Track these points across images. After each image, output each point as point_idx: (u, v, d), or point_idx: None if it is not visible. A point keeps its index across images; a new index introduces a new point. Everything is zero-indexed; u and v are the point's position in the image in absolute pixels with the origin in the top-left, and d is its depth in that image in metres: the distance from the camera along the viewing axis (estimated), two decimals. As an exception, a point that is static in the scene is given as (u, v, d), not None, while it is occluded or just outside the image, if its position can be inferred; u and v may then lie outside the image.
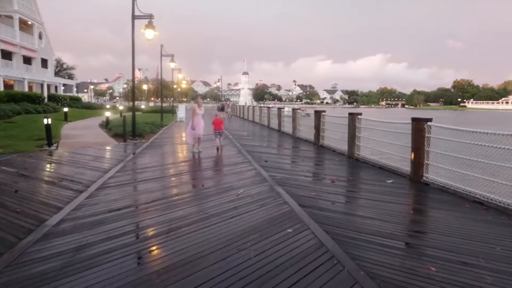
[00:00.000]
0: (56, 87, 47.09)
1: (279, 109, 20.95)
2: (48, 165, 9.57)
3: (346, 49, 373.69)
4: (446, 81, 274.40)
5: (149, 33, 14.46)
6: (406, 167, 8.24)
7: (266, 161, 10.21)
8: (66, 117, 25.63)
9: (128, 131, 15.52)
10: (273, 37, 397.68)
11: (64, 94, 46.13)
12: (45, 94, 39.06)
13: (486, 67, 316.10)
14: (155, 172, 8.77)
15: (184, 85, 72.75)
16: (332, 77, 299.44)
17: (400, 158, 8.76)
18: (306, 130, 16.14)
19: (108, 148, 13.08)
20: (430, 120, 7.62)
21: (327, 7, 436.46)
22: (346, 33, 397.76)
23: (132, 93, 16.12)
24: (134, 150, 12.58)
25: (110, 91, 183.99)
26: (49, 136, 13.18)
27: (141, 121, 21.45)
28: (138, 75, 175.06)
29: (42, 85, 40.60)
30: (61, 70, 71.06)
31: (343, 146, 11.83)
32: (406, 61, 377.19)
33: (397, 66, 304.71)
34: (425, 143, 7.58)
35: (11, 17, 37.76)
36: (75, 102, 41.89)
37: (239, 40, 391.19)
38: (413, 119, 7.81)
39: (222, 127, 12.45)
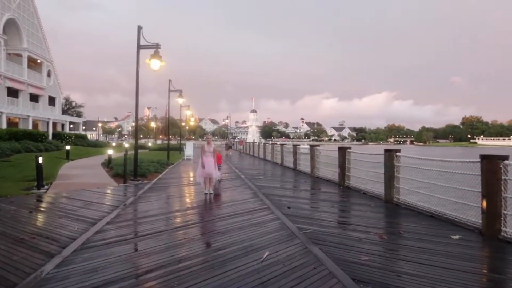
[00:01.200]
0: (63, 125, 46.40)
1: (295, 146, 19.39)
2: (26, 214, 7.91)
3: (351, 87, 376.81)
4: (452, 118, 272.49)
5: (155, 64, 13.24)
6: (473, 218, 6.50)
7: (289, 208, 8.52)
8: (68, 155, 24.32)
9: (129, 171, 14.01)
10: (278, 76, 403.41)
11: (70, 132, 45.31)
12: (50, 132, 38.21)
13: (492, 104, 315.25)
14: (156, 223, 7.07)
15: (192, 122, 72.08)
16: (338, 114, 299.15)
17: (460, 206, 7.02)
18: (327, 169, 14.49)
19: (104, 191, 11.47)
20: (506, 158, 5.95)
21: (331, 46, 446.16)
22: (351, 72, 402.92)
23: (136, 128, 14.71)
24: (134, 193, 10.98)
25: (119, 129, 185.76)
26: (40, 177, 11.66)
27: (146, 160, 20.00)
28: (147, 113, 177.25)
29: (48, 123, 39.80)
30: (69, 108, 70.97)
31: (377, 188, 10.14)
32: (412, 98, 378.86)
33: (403, 103, 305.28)
34: (502, 188, 5.87)
35: (20, 55, 37.62)
36: (80, 140, 40.93)
37: (244, 79, 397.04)
38: (483, 157, 6.15)
39: (221, 161, 14.13)
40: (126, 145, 33.74)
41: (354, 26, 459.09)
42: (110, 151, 19.27)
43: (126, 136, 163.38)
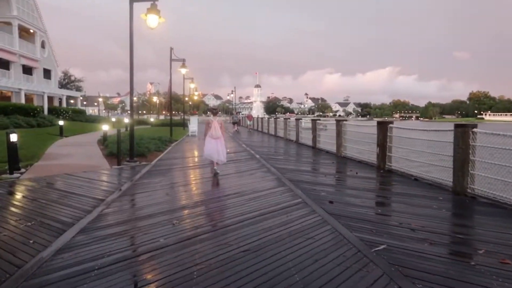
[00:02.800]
0: (61, 100, 44.01)
1: (313, 120, 17.07)
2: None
3: (354, 62, 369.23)
4: (456, 93, 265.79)
5: (152, 19, 10.76)
6: None
7: (331, 202, 6.35)
8: (61, 132, 22.13)
9: (126, 150, 11.82)
10: (280, 51, 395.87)
11: (67, 106, 42.90)
12: (46, 106, 35.93)
13: (496, 79, 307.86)
14: (151, 231, 4.88)
15: (196, 96, 69.54)
16: (341, 90, 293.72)
17: None
18: (359, 148, 12.26)
19: (91, 176, 9.26)
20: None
21: (332, 21, 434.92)
22: (353, 47, 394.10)
23: (131, 102, 12.41)
24: (129, 178, 8.81)
25: (122, 104, 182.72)
26: (13, 159, 9.50)
27: (147, 136, 17.78)
28: (150, 88, 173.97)
29: (43, 97, 37.43)
30: (68, 82, 68.37)
31: (438, 175, 7.95)
32: (416, 73, 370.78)
33: (407, 78, 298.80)
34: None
35: (9, 24, 34.85)
36: (78, 115, 38.49)
37: (247, 54, 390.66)
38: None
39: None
40: (126, 120, 31.45)
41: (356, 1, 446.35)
42: (105, 127, 16.90)
43: (129, 111, 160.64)
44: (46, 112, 34.74)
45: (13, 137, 9.49)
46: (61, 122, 22.65)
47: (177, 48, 23.42)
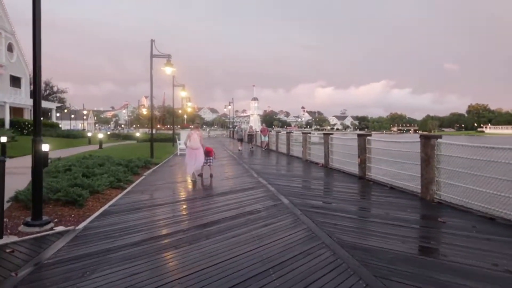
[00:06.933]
0: (31, 111, 39.54)
1: (362, 136, 12.96)
2: None
3: (345, 76, 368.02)
4: (450, 106, 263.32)
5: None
6: None
7: None
8: (3, 151, 17.38)
9: (57, 190, 7.74)
10: (272, 65, 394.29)
11: (31, 119, 37.43)
12: (7, 118, 31.58)
13: (489, 91, 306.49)
14: None
15: (190, 108, 65.82)
16: (335, 103, 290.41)
17: None
18: (401, 173, 8.61)
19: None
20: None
21: (323, 35, 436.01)
22: (345, 60, 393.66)
23: (34, 108, 8.71)
24: None
25: (116, 118, 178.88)
26: None
27: (117, 157, 13.91)
28: (144, 102, 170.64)
29: (4, 107, 32.57)
30: (50, 93, 64.45)
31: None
32: (409, 86, 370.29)
33: (401, 91, 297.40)
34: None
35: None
36: (48, 129, 33.86)
37: (239, 68, 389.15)
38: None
39: (213, 153, 12.51)
40: (100, 135, 27.36)
41: (346, 14, 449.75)
42: (45, 147, 12.08)
43: (122, 125, 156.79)
44: (7, 125, 30.46)
45: None
46: (3, 139, 17.71)
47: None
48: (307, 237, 5.29)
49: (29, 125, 31.30)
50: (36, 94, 5.96)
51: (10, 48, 36.10)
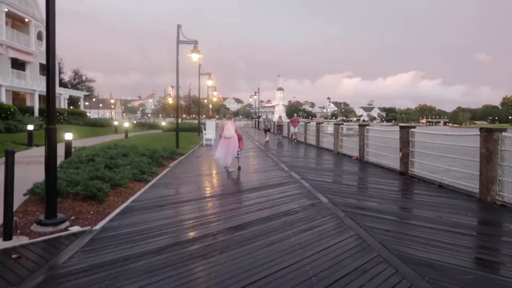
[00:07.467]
0: (70, 100, 40.03)
1: (362, 126, 12.10)
2: None
3: (372, 66, 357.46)
4: (482, 98, 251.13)
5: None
6: None
7: None
8: (30, 140, 17.44)
9: (78, 185, 7.08)
10: (297, 55, 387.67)
11: (63, 108, 37.83)
12: (36, 106, 31.61)
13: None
14: None
15: (215, 98, 65.37)
16: (362, 94, 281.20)
17: None
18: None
19: None
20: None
21: (349, 25, 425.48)
22: (370, 50, 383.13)
23: (48, 95, 8.12)
24: None
25: (142, 107, 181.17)
26: None
27: (143, 147, 13.40)
28: (171, 92, 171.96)
29: (33, 95, 32.78)
30: (79, 82, 65.37)
31: None
32: (439, 77, 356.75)
33: (430, 83, 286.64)
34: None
35: (-5, 9, 30.30)
36: (76, 118, 33.98)
37: (264, 58, 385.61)
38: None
39: (241, 144, 11.65)
40: (126, 124, 27.14)
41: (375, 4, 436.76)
42: (68, 136, 11.69)
43: (149, 114, 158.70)
44: (37, 113, 30.45)
45: None
46: (30, 127, 17.78)
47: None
48: (358, 247, 4.47)
49: (58, 114, 31.34)
50: (49, 80, 5.31)
51: (39, 36, 35.93)
